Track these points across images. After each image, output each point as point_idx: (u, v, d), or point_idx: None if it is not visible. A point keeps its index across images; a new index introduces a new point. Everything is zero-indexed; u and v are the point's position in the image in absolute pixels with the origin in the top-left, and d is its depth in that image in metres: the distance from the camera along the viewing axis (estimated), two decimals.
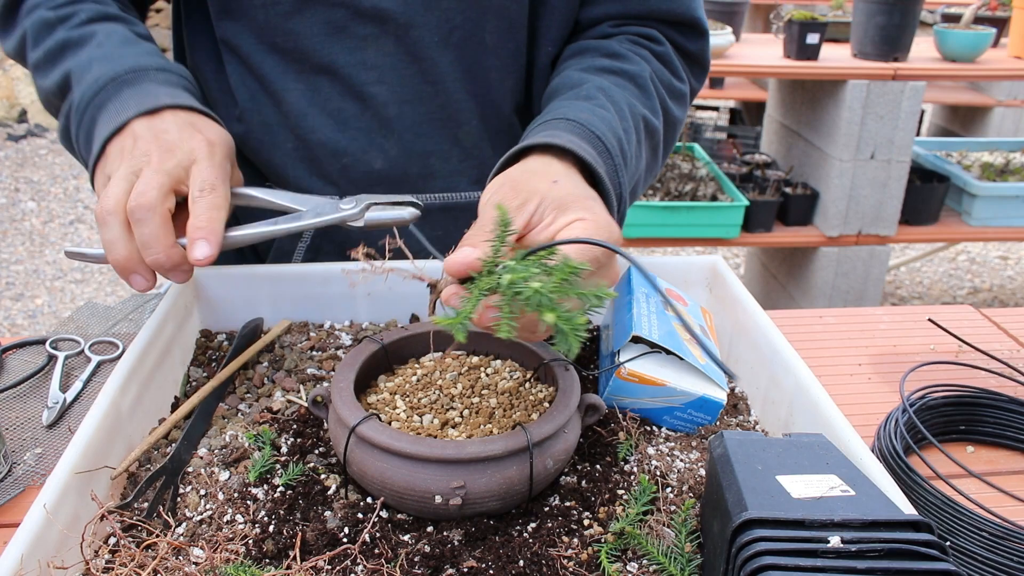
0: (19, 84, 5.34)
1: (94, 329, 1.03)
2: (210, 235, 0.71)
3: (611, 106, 0.84)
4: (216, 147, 0.77)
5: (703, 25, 0.98)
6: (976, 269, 3.89)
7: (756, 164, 3.00)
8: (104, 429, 0.66)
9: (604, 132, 0.80)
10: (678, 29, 0.97)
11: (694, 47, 0.99)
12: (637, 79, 0.90)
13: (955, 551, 0.71)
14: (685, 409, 0.76)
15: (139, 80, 0.80)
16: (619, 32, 0.96)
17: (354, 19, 0.89)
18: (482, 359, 0.80)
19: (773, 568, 0.49)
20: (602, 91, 0.85)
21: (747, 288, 0.88)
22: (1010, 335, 1.10)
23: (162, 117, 0.77)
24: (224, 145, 0.79)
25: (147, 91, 0.79)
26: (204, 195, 0.72)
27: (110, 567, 0.57)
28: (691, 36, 0.98)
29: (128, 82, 0.80)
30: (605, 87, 0.86)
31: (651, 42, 0.96)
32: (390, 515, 0.65)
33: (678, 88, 0.96)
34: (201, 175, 0.74)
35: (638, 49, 0.94)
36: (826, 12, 2.98)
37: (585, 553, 0.61)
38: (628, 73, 0.90)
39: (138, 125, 0.76)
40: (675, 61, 0.97)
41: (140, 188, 0.71)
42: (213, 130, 0.79)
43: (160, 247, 0.70)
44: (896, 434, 0.81)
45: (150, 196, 0.70)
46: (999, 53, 2.91)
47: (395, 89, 0.93)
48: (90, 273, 3.59)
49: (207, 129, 0.78)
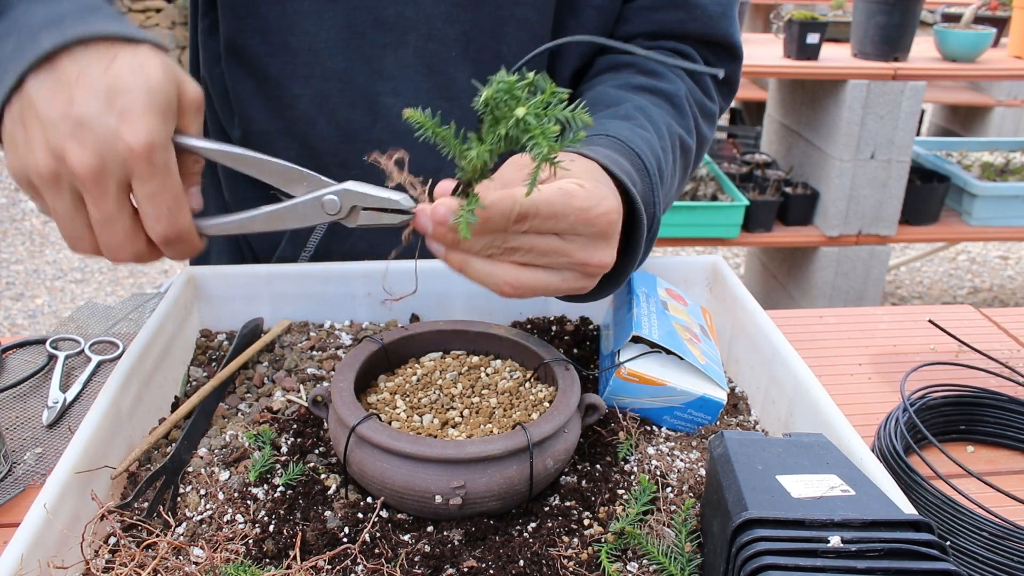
0: None
1: (94, 329, 1.03)
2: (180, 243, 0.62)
3: (650, 126, 0.82)
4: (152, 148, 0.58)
5: (739, 50, 0.97)
6: (976, 269, 3.89)
7: (756, 164, 3.00)
8: (104, 429, 0.66)
9: (644, 151, 0.77)
10: (713, 51, 0.96)
11: (726, 69, 0.97)
12: (673, 98, 0.88)
13: (955, 551, 0.71)
14: (685, 409, 0.76)
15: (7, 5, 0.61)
16: (654, 47, 0.94)
17: (374, 26, 0.86)
18: (482, 359, 0.80)
19: (773, 568, 0.49)
20: (641, 111, 0.83)
21: (747, 288, 0.88)
22: (1010, 335, 1.10)
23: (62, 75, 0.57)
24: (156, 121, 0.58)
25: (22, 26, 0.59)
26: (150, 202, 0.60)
27: (110, 567, 0.57)
28: (725, 59, 0.97)
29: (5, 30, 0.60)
30: (643, 106, 0.84)
31: (685, 59, 0.94)
32: (390, 515, 0.65)
33: (709, 108, 0.95)
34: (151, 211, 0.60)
35: (670, 69, 0.92)
36: (826, 12, 2.98)
37: (585, 553, 0.61)
38: (665, 92, 0.88)
39: (34, 90, 0.57)
40: (707, 80, 0.95)
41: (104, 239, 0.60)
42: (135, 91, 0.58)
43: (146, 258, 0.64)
44: (896, 434, 0.81)
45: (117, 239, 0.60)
46: (999, 53, 2.91)
47: (409, 101, 0.89)
48: (90, 273, 3.59)
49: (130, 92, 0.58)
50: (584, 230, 0.61)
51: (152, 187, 0.59)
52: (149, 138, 0.57)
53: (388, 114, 0.91)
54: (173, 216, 0.60)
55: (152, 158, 0.58)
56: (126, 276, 3.59)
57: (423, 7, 0.86)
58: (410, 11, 0.86)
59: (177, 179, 0.60)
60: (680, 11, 0.92)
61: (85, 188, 0.58)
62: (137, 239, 0.61)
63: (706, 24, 0.93)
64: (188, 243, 0.63)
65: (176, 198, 0.60)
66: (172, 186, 0.60)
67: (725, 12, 0.94)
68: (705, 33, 0.94)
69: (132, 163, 0.57)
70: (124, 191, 0.59)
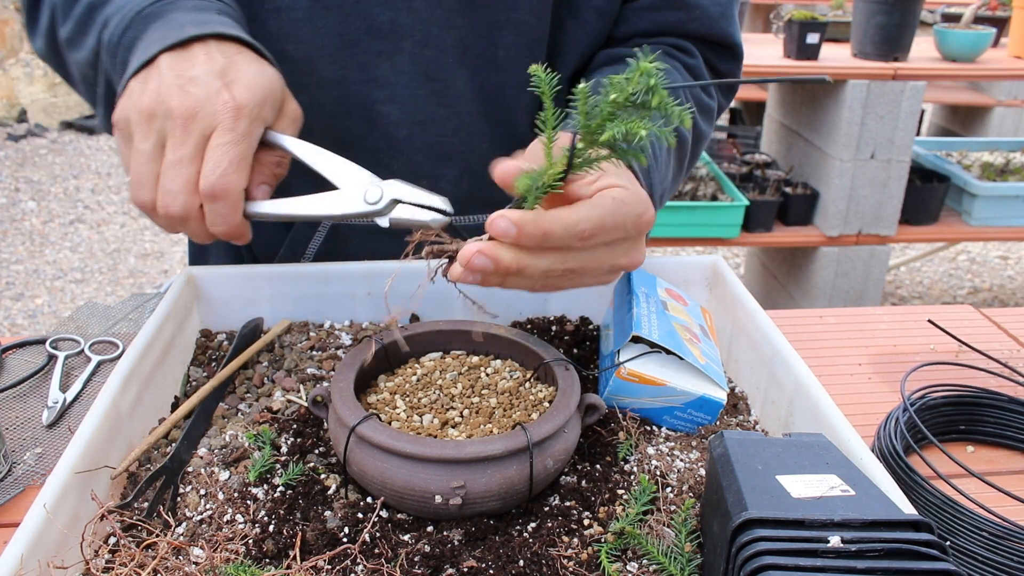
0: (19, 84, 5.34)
1: (94, 329, 1.03)
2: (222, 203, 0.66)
3: None
4: (243, 110, 0.66)
5: (739, 49, 0.97)
6: (976, 269, 3.89)
7: (756, 164, 3.00)
8: (104, 429, 0.66)
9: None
10: (713, 49, 0.96)
11: (726, 68, 0.98)
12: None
13: (955, 551, 0.71)
14: (685, 409, 0.76)
15: (165, 11, 0.72)
16: (653, 43, 0.94)
17: (369, 33, 0.86)
18: (482, 359, 0.80)
19: (773, 568, 0.49)
20: None
21: (747, 288, 0.88)
22: (1010, 335, 1.10)
23: (192, 53, 0.67)
24: (254, 99, 0.67)
25: (173, 21, 0.70)
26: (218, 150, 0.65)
27: (110, 567, 0.57)
28: (725, 57, 0.97)
29: (153, 15, 0.71)
30: None
31: (683, 54, 0.94)
32: (390, 515, 0.65)
33: (706, 103, 0.95)
34: (213, 158, 0.65)
35: (670, 60, 0.92)
36: (826, 12, 2.98)
37: (585, 553, 0.61)
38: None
39: (165, 61, 0.67)
40: (705, 75, 0.95)
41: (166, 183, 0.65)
42: (247, 75, 0.67)
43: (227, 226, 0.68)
44: (896, 434, 0.81)
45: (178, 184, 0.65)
46: (999, 53, 2.91)
47: (406, 109, 0.89)
48: (90, 273, 3.59)
49: (241, 74, 0.67)
50: (633, 235, 0.62)
51: (226, 139, 0.64)
52: (243, 102, 0.65)
53: (385, 122, 0.90)
54: (228, 172, 0.64)
55: (239, 116, 0.64)
56: (126, 276, 3.59)
57: (418, 13, 0.86)
58: (405, 17, 0.85)
59: (249, 146, 0.66)
60: (680, 11, 0.92)
61: (172, 128, 0.64)
62: (194, 192, 0.65)
63: (705, 24, 0.93)
64: (230, 207, 0.66)
65: (240, 158, 0.65)
66: (242, 148, 0.65)
67: (725, 12, 0.94)
68: (705, 33, 0.94)
69: (221, 115, 0.64)
70: (203, 141, 0.65)
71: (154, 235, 3.96)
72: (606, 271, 0.63)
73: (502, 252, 0.58)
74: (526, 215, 0.57)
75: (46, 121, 5.35)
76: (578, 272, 0.61)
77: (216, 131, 0.64)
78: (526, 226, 0.57)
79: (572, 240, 0.58)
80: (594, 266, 0.62)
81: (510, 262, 0.58)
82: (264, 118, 0.68)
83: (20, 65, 5.37)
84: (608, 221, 0.59)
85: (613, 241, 0.61)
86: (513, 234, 0.57)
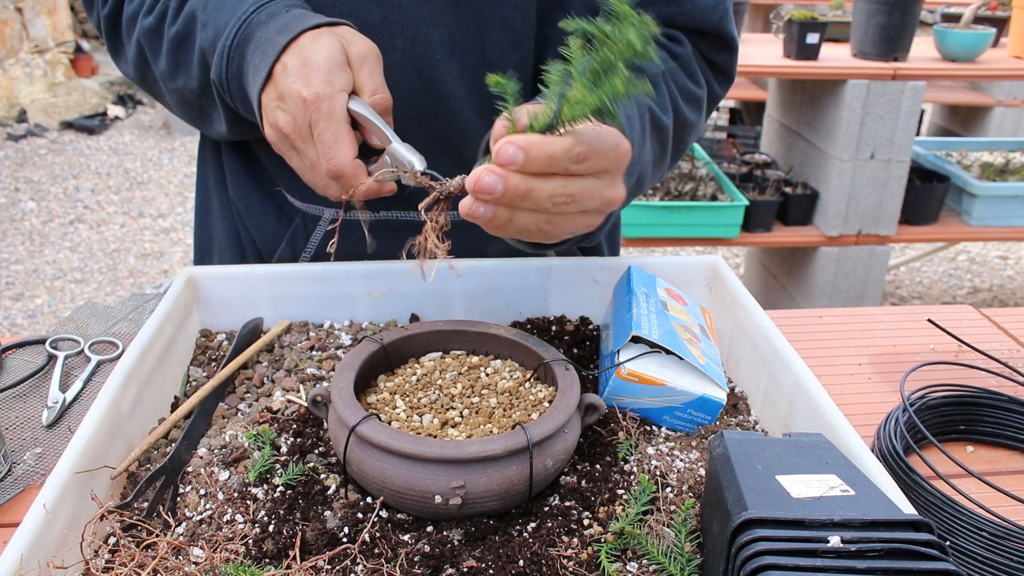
0: (19, 84, 5.34)
1: (94, 329, 1.03)
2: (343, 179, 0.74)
3: None
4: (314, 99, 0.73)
5: (733, 40, 0.97)
6: (976, 269, 3.90)
7: (756, 164, 3.00)
8: (104, 429, 0.66)
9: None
10: (706, 40, 0.96)
11: (720, 59, 0.98)
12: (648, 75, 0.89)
13: (955, 551, 0.71)
14: (685, 409, 0.76)
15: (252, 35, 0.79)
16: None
17: (362, 31, 0.85)
18: (482, 359, 0.80)
19: (773, 568, 0.49)
20: None
21: (747, 288, 0.88)
22: (1010, 335, 1.10)
23: (274, 75, 0.76)
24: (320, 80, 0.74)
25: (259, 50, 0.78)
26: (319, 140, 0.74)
27: (110, 567, 0.57)
28: (719, 49, 0.97)
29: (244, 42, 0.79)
30: None
31: (672, 42, 0.95)
32: (390, 515, 0.65)
33: (693, 91, 0.95)
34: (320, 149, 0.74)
35: (658, 50, 0.93)
36: (826, 12, 2.98)
37: (585, 553, 0.61)
38: (639, 68, 0.89)
39: (264, 97, 0.77)
40: (694, 65, 0.96)
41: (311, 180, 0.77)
42: (310, 63, 0.75)
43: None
44: (896, 434, 0.81)
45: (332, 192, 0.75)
46: (999, 53, 2.91)
47: (400, 106, 0.89)
48: (90, 273, 3.59)
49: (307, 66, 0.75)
50: (614, 166, 0.65)
51: (319, 128, 0.72)
52: (315, 91, 0.72)
53: None
54: (332, 152, 0.72)
55: (318, 106, 0.72)
56: (126, 276, 3.59)
57: (407, 11, 0.87)
58: (396, 15, 0.87)
59: (339, 123, 0.73)
60: (670, 5, 0.92)
61: (295, 142, 0.75)
62: (330, 180, 0.75)
63: (696, 18, 0.94)
64: (351, 175, 0.73)
65: (335, 137, 0.72)
66: (333, 127, 0.72)
67: (716, 4, 0.94)
68: (696, 26, 0.94)
69: (307, 111, 0.72)
70: (313, 140, 0.74)
71: (154, 235, 3.96)
72: (597, 204, 0.65)
73: (511, 174, 0.60)
74: (532, 138, 0.60)
75: (46, 121, 5.35)
76: (576, 199, 0.64)
77: (312, 126, 0.74)
78: (532, 149, 0.59)
79: (570, 162, 0.61)
80: (587, 196, 0.64)
81: (519, 182, 0.60)
82: (339, 84, 0.73)
83: (20, 65, 5.37)
84: (596, 145, 0.62)
85: (600, 171, 0.64)
86: (520, 160, 0.59)
